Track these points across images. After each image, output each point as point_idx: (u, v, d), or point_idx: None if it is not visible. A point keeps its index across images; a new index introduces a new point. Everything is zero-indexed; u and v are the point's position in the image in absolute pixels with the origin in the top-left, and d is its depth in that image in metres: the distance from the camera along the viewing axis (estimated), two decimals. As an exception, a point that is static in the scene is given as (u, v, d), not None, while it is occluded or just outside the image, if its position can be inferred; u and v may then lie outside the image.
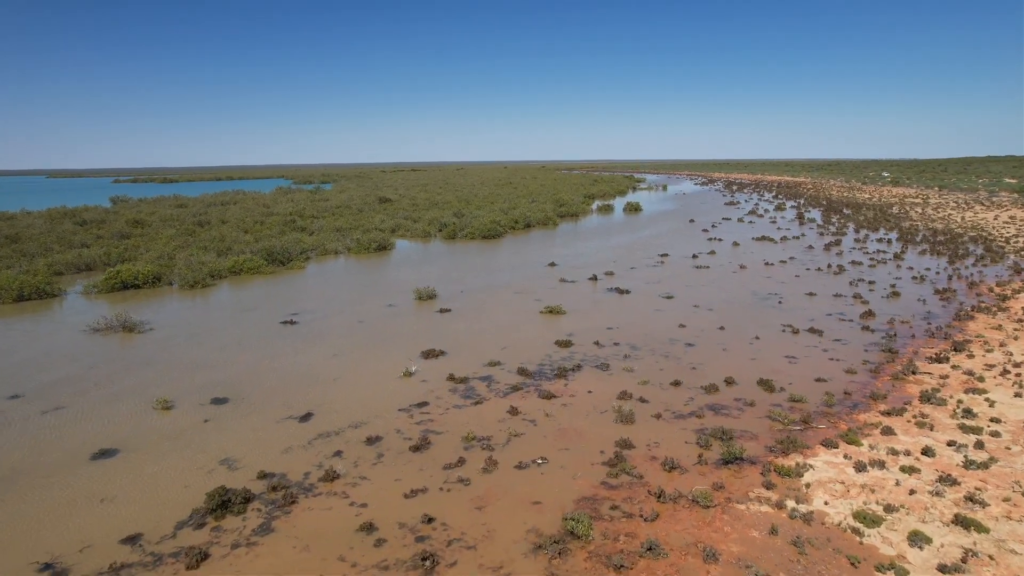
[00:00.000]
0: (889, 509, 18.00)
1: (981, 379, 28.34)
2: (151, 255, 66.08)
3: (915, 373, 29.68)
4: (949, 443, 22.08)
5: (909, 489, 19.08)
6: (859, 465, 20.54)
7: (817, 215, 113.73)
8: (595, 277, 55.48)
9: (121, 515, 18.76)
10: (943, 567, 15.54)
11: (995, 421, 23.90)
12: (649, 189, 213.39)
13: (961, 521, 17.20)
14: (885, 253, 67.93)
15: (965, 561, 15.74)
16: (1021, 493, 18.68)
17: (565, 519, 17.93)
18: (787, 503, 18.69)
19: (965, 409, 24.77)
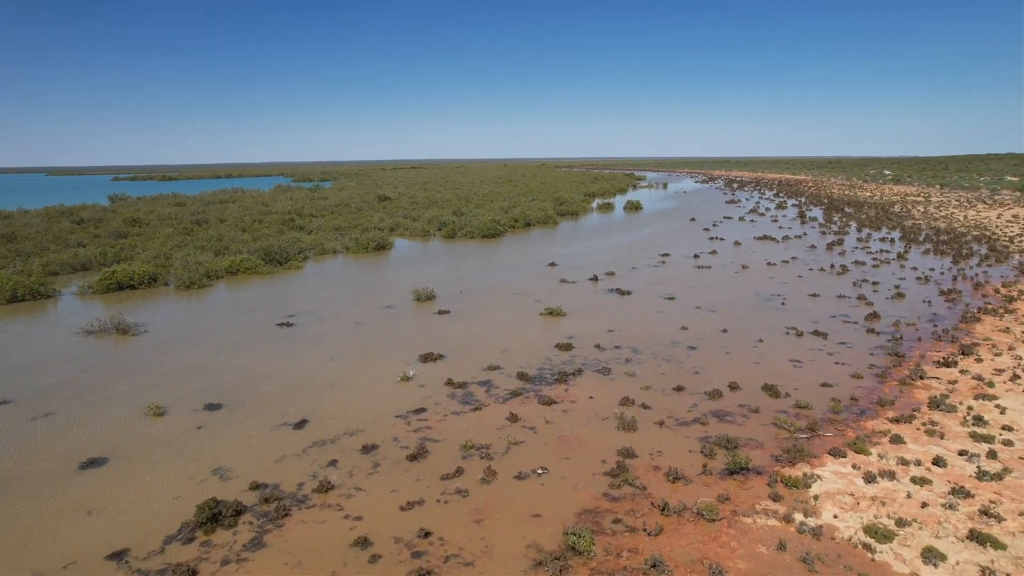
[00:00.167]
0: (901, 523, 17.43)
1: (991, 384, 27.75)
2: (147, 255, 65.49)
3: (923, 378, 29.09)
4: (960, 452, 21.50)
5: (921, 502, 18.50)
6: (868, 476, 19.96)
7: (819, 214, 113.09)
8: (596, 277, 54.88)
9: (108, 529, 18.19)
10: (959, 586, 15.00)
11: (1007, 429, 23.31)
12: (649, 187, 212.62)
13: (976, 537, 16.62)
14: (888, 253, 67.30)
15: (981, 579, 15.19)
16: (1036, 506, 18.11)
17: (566, 534, 17.36)
18: (795, 516, 18.12)
19: (976, 416, 24.19)
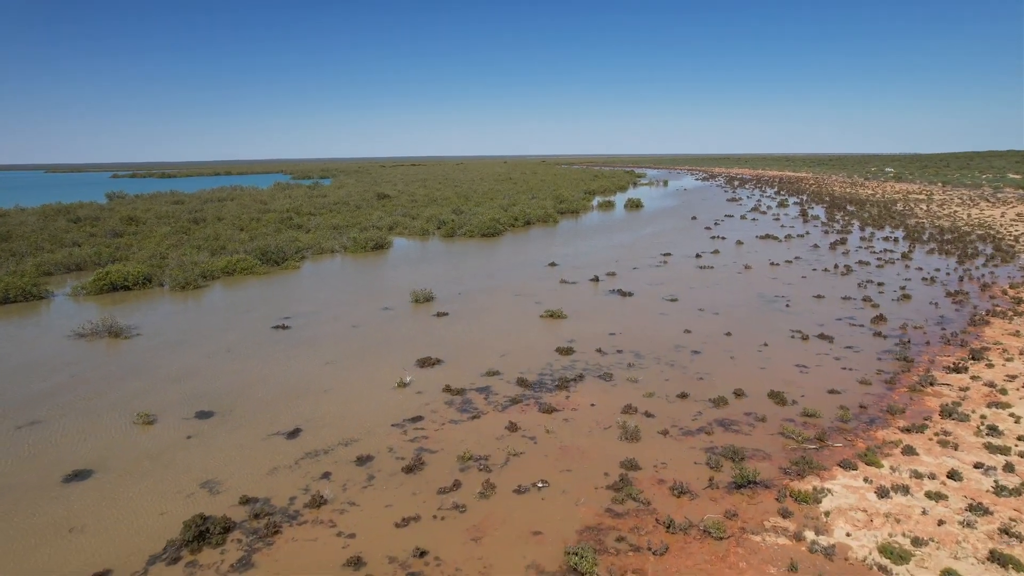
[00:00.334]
0: (917, 543, 16.70)
1: (1004, 391, 27.00)
2: (143, 254, 64.68)
3: (933, 384, 28.35)
4: (976, 465, 20.77)
5: (937, 519, 17.77)
6: (881, 490, 19.23)
7: (821, 212, 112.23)
8: (597, 278, 54.11)
9: (89, 548, 17.45)
10: (980, 612, 14.28)
11: (1023, 440, 22.57)
12: (650, 185, 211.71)
13: (997, 558, 15.90)
14: (892, 252, 66.51)
15: (1004, 605, 14.47)
16: (1057, 524, 17.38)
17: (567, 553, 16.64)
18: (806, 534, 17.40)
19: (990, 426, 23.44)
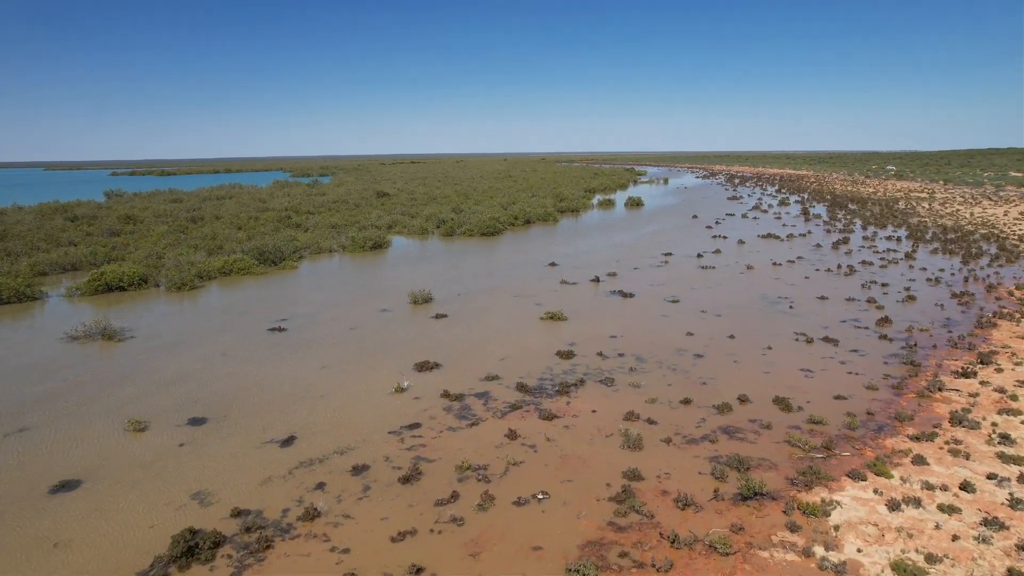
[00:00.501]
0: (931, 559, 16.12)
1: (1014, 398, 26.42)
2: (139, 254, 64.06)
3: (941, 390, 27.76)
4: (989, 476, 20.18)
5: (952, 534, 17.19)
6: (892, 503, 18.65)
7: (822, 211, 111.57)
8: (597, 279, 53.49)
9: (74, 564, 16.87)
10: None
11: (1036, 449, 22.02)
12: (650, 183, 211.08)
13: (1015, 576, 15.34)
14: (896, 252, 65.89)
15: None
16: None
17: (569, 570, 16.07)
18: (815, 550, 16.82)
19: (1001, 434, 22.86)
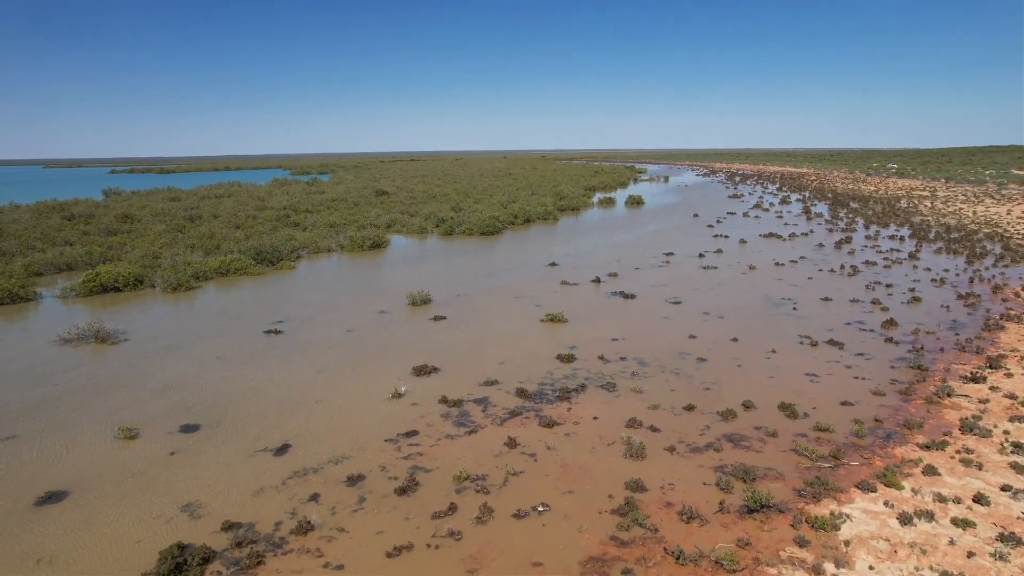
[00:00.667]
0: (946, 578, 15.56)
1: (1025, 404, 25.85)
2: (135, 254, 63.41)
3: (950, 396, 27.18)
4: (1003, 488, 19.59)
5: (967, 550, 16.61)
6: (904, 517, 18.06)
7: (824, 209, 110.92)
8: (598, 279, 52.87)
9: (58, 582, 16.32)
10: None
11: (1049, 458, 21.42)
12: (651, 180, 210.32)
13: (1034, 597, 14.76)
14: (899, 252, 65.27)
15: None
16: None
17: (570, 589, 15.50)
18: (826, 567, 16.23)
19: (1014, 443, 22.28)
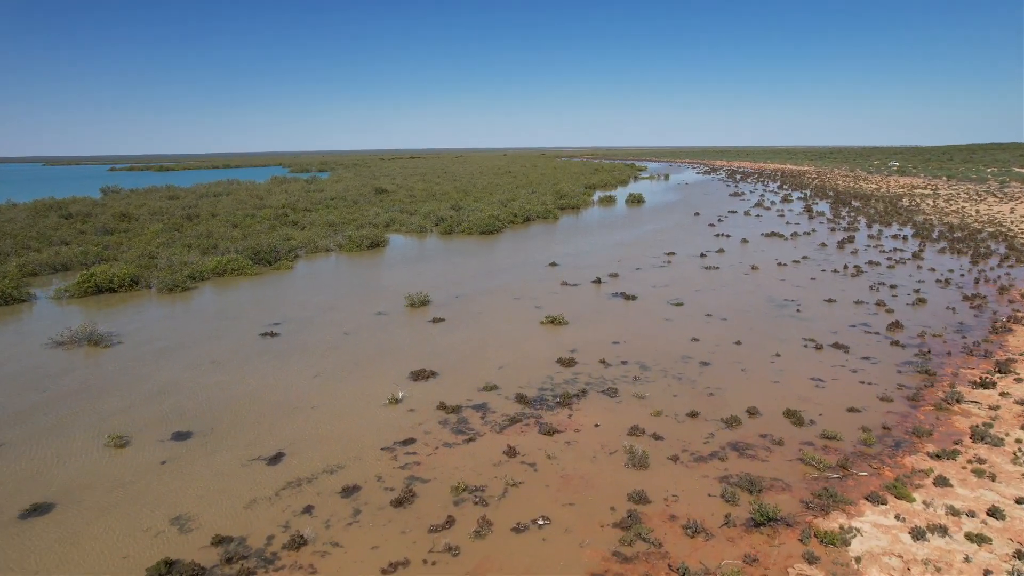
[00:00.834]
0: (962, 598, 14.99)
1: (1037, 411, 25.26)
2: (132, 254, 62.81)
3: (960, 402, 26.58)
4: (1018, 500, 19.00)
5: (983, 568, 16.03)
6: (916, 531, 17.48)
7: (825, 208, 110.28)
8: (599, 280, 52.27)
9: (40, 602, 15.75)
10: None
11: (1064, 469, 20.84)
12: (651, 179, 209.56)
13: (1055, 619, 14.18)
14: (903, 252, 64.65)
15: None
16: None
17: (572, 609, 14.92)
18: (836, 585, 15.66)
19: (1027, 452, 21.70)
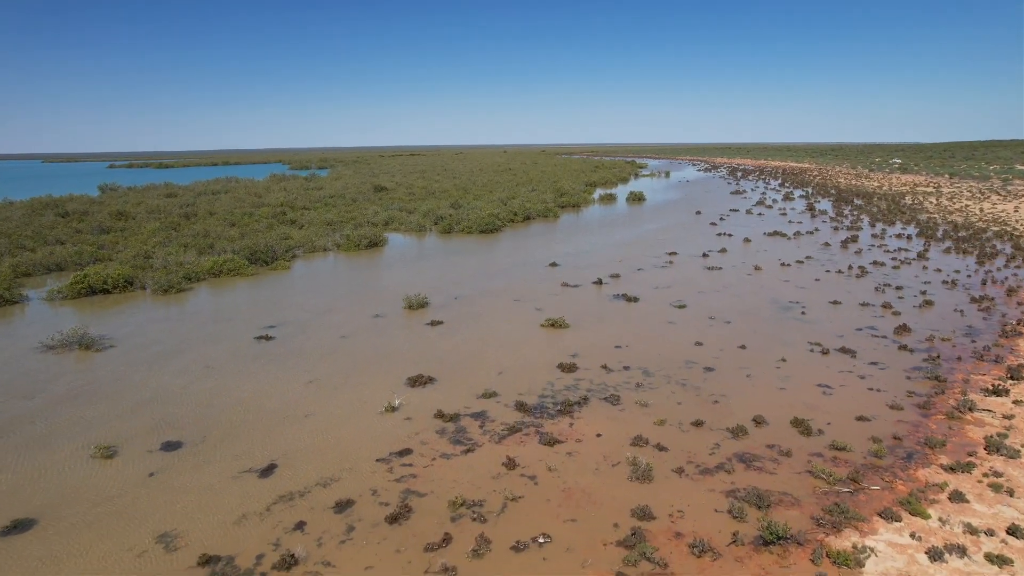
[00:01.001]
0: (984, 626, 14.27)
1: (1052, 421, 24.54)
2: (127, 254, 62.05)
3: (972, 410, 25.86)
4: (1037, 518, 18.32)
5: (1004, 593, 15.35)
6: (933, 552, 16.78)
7: (828, 206, 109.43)
8: (600, 281, 51.50)
9: (16, 628, 15.05)
10: None
11: (1083, 483, 20.13)
12: (651, 176, 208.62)
13: (1083, 650, 13.46)
14: (907, 252, 63.88)
15: None
16: None
17: (574, 637, 14.22)
18: (851, 610, 14.96)
19: (1044, 466, 20.99)
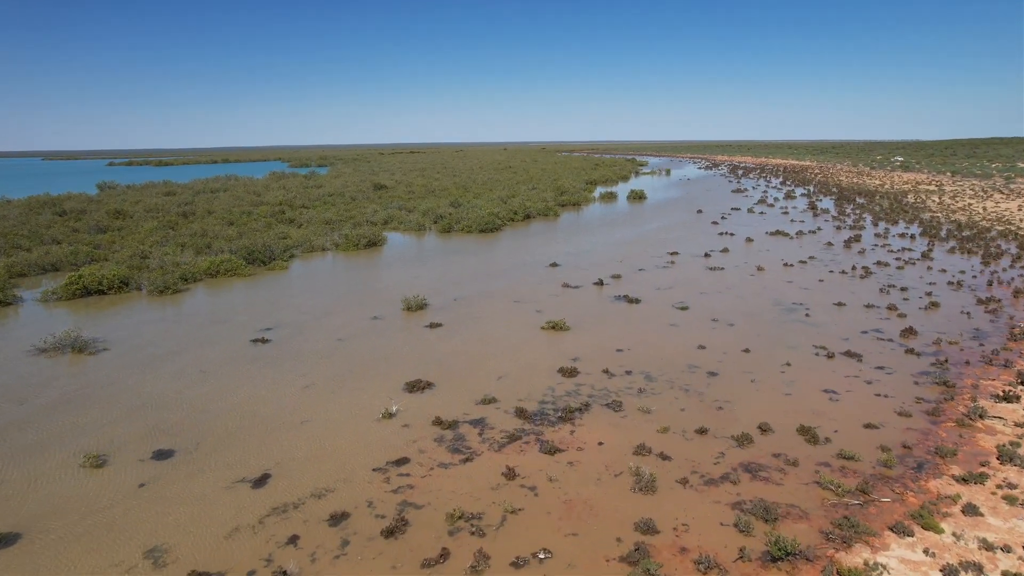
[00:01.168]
0: (1003, 650, 13.70)
1: (1065, 429, 23.95)
2: (123, 254, 61.50)
3: (983, 417, 25.27)
4: (1055, 533, 17.74)
5: (1023, 615, 14.77)
6: (949, 570, 16.20)
7: (830, 205, 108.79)
8: (601, 281, 50.91)
9: (-4, 651, 14.49)
10: None
11: (1100, 495, 19.55)
12: (652, 174, 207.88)
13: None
14: (911, 251, 63.26)
15: None
16: None
17: (576, 661, 13.65)
18: (864, 632, 14.39)
19: (1059, 477, 20.42)
